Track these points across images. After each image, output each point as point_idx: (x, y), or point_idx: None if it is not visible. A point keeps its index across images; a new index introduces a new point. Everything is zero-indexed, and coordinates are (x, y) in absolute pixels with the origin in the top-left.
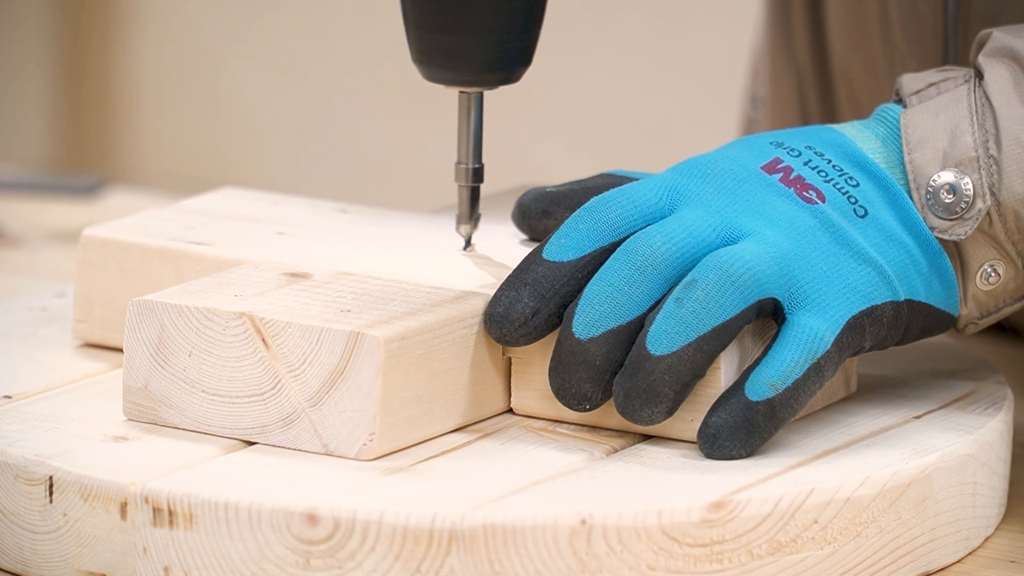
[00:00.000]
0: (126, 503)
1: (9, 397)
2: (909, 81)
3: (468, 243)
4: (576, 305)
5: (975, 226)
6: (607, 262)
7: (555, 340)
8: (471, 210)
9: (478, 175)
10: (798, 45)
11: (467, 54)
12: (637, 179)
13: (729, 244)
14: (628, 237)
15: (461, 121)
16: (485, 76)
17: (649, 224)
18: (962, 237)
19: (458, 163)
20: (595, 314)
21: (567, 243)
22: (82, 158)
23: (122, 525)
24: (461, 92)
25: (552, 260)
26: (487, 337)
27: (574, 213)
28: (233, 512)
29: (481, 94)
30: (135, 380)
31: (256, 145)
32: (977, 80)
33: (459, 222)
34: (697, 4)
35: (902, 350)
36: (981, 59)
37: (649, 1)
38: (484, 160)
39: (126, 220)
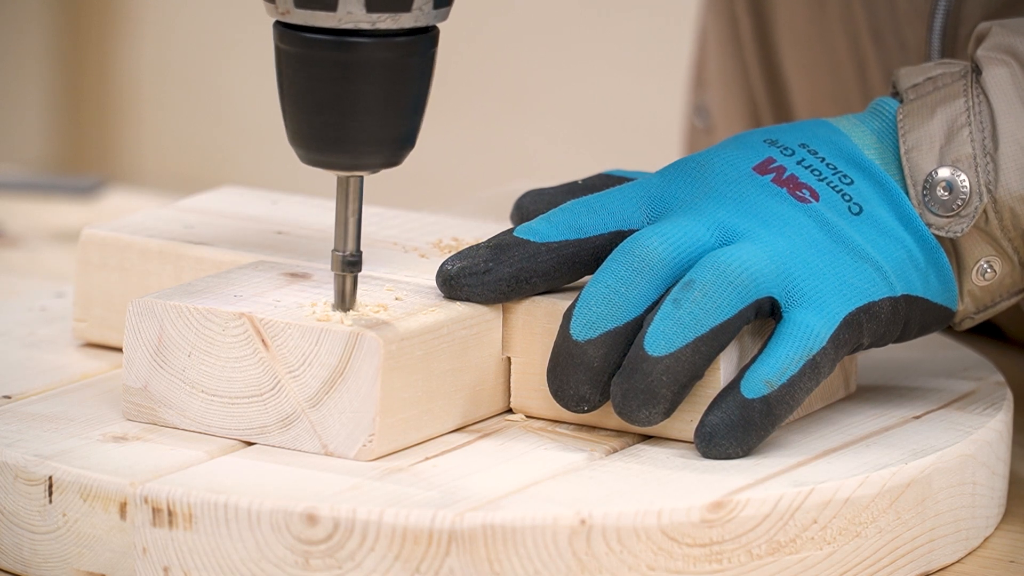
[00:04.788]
0: (125, 503)
1: (9, 397)
2: (906, 75)
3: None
4: (573, 307)
5: (971, 223)
6: (604, 263)
7: (553, 342)
8: (348, 300)
9: (356, 264)
10: (749, 63)
11: (349, 137)
12: (635, 179)
13: (726, 245)
14: (597, 238)
15: (340, 207)
16: (367, 160)
17: (621, 231)
18: (959, 234)
19: (335, 251)
20: (592, 315)
21: (536, 227)
22: (82, 158)
23: (121, 525)
24: (340, 176)
25: (520, 237)
26: (487, 337)
27: (557, 207)
28: (232, 512)
29: (362, 178)
30: (134, 380)
31: (256, 145)
32: (974, 75)
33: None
34: (697, 4)
35: (902, 351)
36: (980, 54)
37: (649, 1)
38: (482, 159)
39: (125, 220)
